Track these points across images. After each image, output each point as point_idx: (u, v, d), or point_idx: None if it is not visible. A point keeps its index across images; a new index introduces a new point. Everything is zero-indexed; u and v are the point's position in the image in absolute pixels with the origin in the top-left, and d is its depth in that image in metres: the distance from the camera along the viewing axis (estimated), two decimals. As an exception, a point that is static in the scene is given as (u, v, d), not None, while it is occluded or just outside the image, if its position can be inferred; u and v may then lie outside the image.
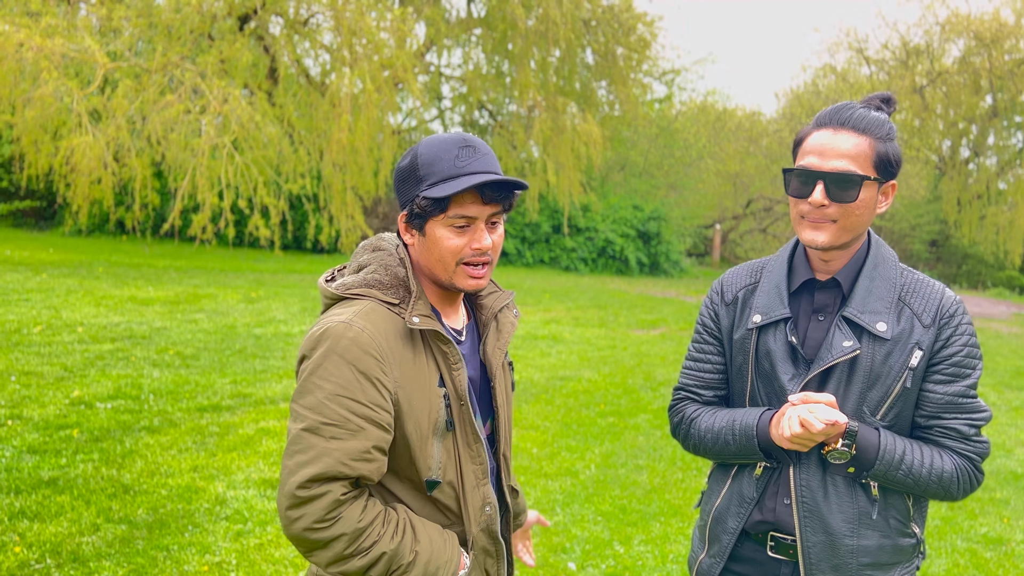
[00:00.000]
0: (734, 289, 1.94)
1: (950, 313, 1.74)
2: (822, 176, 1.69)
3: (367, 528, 1.53)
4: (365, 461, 1.52)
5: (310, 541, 1.51)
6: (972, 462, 1.76)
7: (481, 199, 1.58)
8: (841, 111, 1.72)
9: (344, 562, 1.53)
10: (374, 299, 1.62)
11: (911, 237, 31.18)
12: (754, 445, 1.79)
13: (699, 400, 1.98)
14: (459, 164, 1.57)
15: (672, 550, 4.24)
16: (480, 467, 1.69)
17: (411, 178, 1.61)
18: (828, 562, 1.76)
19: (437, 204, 1.57)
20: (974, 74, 29.22)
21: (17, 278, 11.61)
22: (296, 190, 17.94)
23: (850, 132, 1.70)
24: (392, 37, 17.70)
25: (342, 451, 1.50)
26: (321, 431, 1.51)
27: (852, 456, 1.72)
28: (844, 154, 1.69)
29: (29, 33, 14.59)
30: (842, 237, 1.74)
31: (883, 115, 1.74)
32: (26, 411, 5.70)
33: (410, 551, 1.56)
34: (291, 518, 1.51)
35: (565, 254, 24.27)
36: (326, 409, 1.51)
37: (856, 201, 1.69)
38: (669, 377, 8.74)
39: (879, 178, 1.72)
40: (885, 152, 1.71)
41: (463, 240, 1.60)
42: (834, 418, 1.64)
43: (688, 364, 2.00)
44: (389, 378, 1.56)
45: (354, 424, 1.51)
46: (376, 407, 1.53)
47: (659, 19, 25.18)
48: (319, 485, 1.50)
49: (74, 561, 3.63)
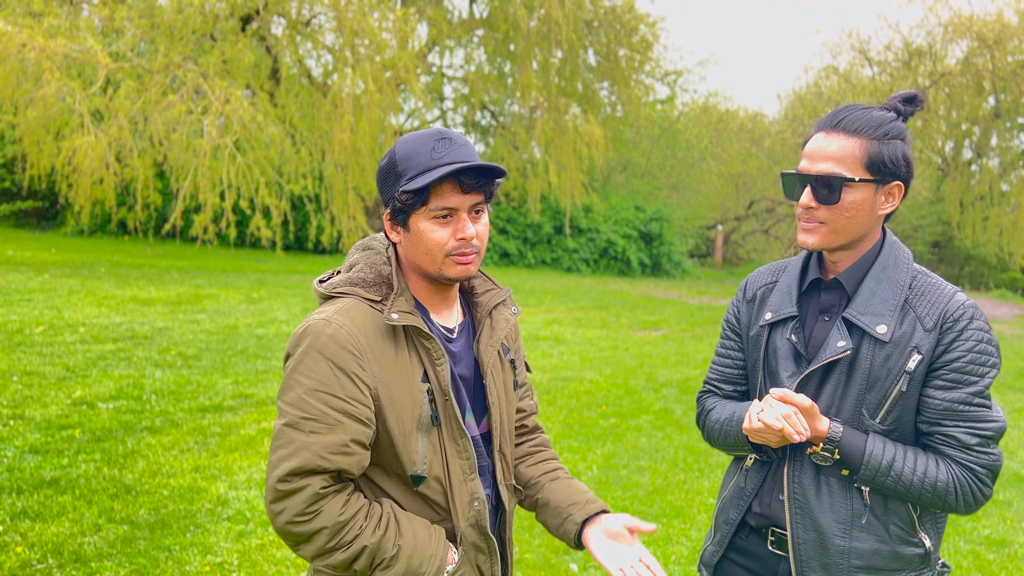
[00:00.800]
0: (755, 287, 1.98)
1: (955, 318, 1.70)
2: (809, 179, 1.72)
3: (348, 522, 1.55)
4: (344, 455, 1.54)
5: (294, 535, 1.55)
6: (975, 474, 1.70)
7: (460, 188, 1.58)
8: (837, 114, 1.73)
9: (328, 555, 1.56)
10: (357, 296, 1.64)
11: (913, 239, 31.16)
12: (744, 438, 1.83)
13: (720, 394, 2.04)
14: (435, 156, 1.58)
15: (674, 551, 4.23)
16: (467, 462, 1.69)
17: (391, 175, 1.63)
18: (818, 560, 1.76)
19: (417, 197, 1.58)
20: (977, 75, 29.18)
21: (19, 278, 11.62)
22: (298, 191, 17.96)
23: (840, 134, 1.71)
24: (394, 38, 17.71)
25: (320, 445, 1.53)
26: (300, 426, 1.54)
27: (836, 460, 1.72)
28: (830, 156, 1.70)
29: (32, 33, 14.62)
30: (834, 240, 1.74)
31: (887, 115, 1.72)
32: (28, 411, 5.70)
33: (393, 545, 1.58)
34: (275, 511, 1.54)
35: (567, 255, 24.27)
36: (305, 404, 1.54)
37: (840, 203, 1.70)
38: (671, 378, 8.74)
39: (872, 179, 1.70)
40: (879, 153, 1.69)
41: (447, 231, 1.61)
42: (772, 423, 1.64)
43: (714, 360, 2.06)
44: (368, 373, 1.57)
45: (332, 418, 1.54)
46: (354, 401, 1.55)
47: (661, 20, 25.14)
48: (299, 479, 1.52)
49: (76, 561, 3.63)
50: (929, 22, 30.28)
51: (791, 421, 1.66)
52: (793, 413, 1.67)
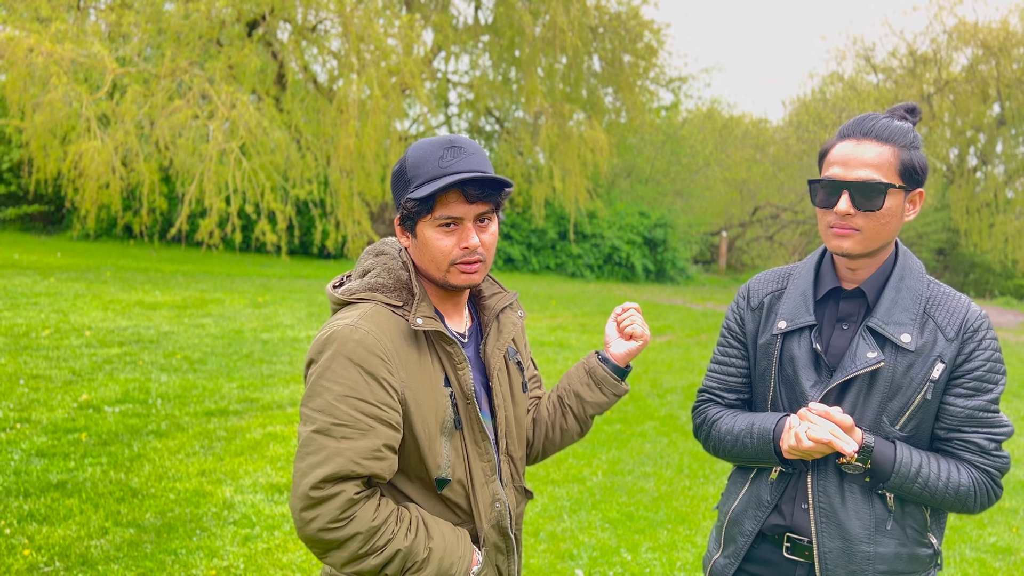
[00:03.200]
0: (760, 294, 1.95)
1: (974, 327, 1.74)
2: (847, 186, 1.71)
3: (381, 526, 1.54)
4: (376, 459, 1.54)
5: (325, 542, 1.53)
6: (991, 476, 1.76)
7: (465, 198, 1.59)
8: (864, 122, 1.74)
9: (359, 561, 1.55)
10: (378, 302, 1.65)
11: (918, 245, 31.10)
12: (770, 449, 1.80)
13: (721, 402, 2.00)
14: (443, 164, 1.59)
15: (680, 557, 4.23)
16: (488, 464, 1.71)
17: (401, 181, 1.64)
18: (844, 568, 1.77)
19: (423, 205, 1.59)
20: (982, 82, 29.17)
21: (25, 282, 11.65)
22: (303, 195, 18.00)
23: (873, 142, 1.72)
24: (400, 43, 17.77)
25: (353, 450, 1.52)
26: (332, 432, 1.53)
27: (867, 469, 1.74)
28: (868, 163, 1.71)
29: (39, 38, 14.69)
30: (869, 245, 1.75)
31: (907, 124, 1.75)
32: (34, 414, 5.72)
33: (424, 548, 1.58)
34: (306, 519, 1.52)
35: (571, 260, 24.26)
36: (335, 410, 1.54)
37: (882, 209, 1.71)
38: (675, 384, 8.73)
39: (904, 186, 1.73)
40: (910, 160, 1.72)
41: (452, 240, 1.62)
42: (825, 438, 1.65)
43: (713, 367, 2.02)
44: (395, 378, 1.58)
45: (364, 424, 1.53)
46: (384, 406, 1.56)
47: (666, 27, 25.18)
48: (332, 485, 1.51)
49: (83, 564, 3.64)
50: (934, 29, 30.27)
51: (838, 438, 1.66)
52: (839, 431, 1.68)
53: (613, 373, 1.90)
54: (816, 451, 1.69)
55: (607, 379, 1.90)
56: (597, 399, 1.91)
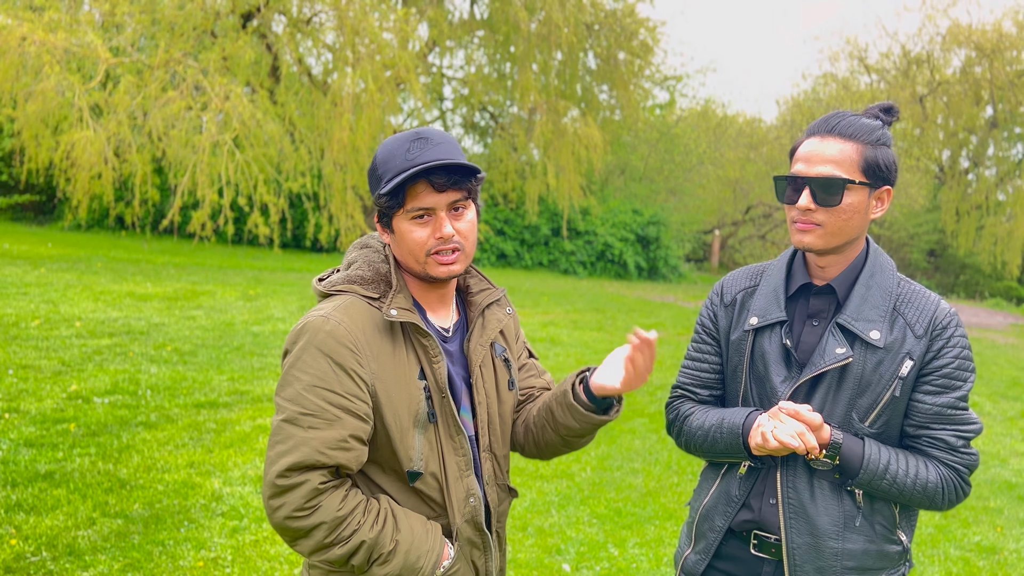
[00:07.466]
0: (733, 291, 1.96)
1: (943, 325, 1.76)
2: (808, 182, 1.74)
3: (347, 516, 1.56)
4: (342, 450, 1.56)
5: (292, 530, 1.56)
6: (959, 473, 1.77)
7: (433, 188, 1.60)
8: (830, 119, 1.77)
9: (326, 550, 1.57)
10: (355, 294, 1.66)
11: (909, 246, 31.24)
12: (739, 444, 1.81)
13: (694, 399, 2.01)
14: (409, 157, 1.60)
15: (666, 553, 4.25)
16: (463, 459, 1.71)
17: (373, 179, 1.66)
18: (812, 564, 1.78)
19: (394, 199, 1.61)
20: (975, 85, 29.30)
21: (16, 272, 11.61)
22: (296, 188, 17.96)
23: (836, 138, 1.74)
24: (395, 37, 17.73)
25: (319, 440, 1.54)
26: (299, 421, 1.55)
27: (836, 465, 1.75)
28: (829, 159, 1.73)
29: (32, 27, 14.61)
30: (831, 240, 1.76)
31: (875, 122, 1.76)
32: (23, 404, 5.71)
33: (391, 540, 1.59)
34: (273, 507, 1.55)
35: (564, 257, 24.29)
36: (304, 400, 1.56)
37: (841, 204, 1.72)
38: (666, 381, 8.76)
39: (868, 182, 1.74)
40: (874, 157, 1.73)
41: (426, 232, 1.63)
42: (789, 443, 1.66)
43: (686, 363, 2.03)
44: (365, 370, 1.59)
45: (331, 414, 1.55)
46: (353, 397, 1.57)
47: (661, 24, 25.19)
48: (298, 474, 1.54)
49: (70, 555, 3.64)
50: (928, 31, 30.44)
51: (805, 439, 1.67)
52: (806, 431, 1.68)
53: (587, 400, 1.73)
54: (783, 449, 1.71)
55: (574, 406, 1.73)
56: (568, 423, 1.76)
